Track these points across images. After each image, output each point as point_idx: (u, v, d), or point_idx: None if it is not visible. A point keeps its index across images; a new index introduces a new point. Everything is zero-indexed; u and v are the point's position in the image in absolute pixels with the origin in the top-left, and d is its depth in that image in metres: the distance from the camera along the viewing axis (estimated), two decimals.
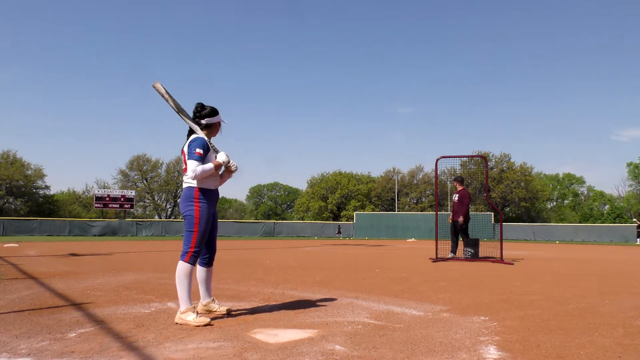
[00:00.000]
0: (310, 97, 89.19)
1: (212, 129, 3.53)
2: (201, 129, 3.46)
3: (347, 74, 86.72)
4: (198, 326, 3.12)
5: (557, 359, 2.45)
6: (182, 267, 3.28)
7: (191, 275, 3.31)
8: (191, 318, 3.17)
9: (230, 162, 3.45)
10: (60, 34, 75.74)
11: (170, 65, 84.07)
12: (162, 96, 3.44)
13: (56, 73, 77.71)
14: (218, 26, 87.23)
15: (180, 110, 3.46)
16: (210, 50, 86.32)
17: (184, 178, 3.41)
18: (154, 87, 3.44)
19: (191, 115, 3.51)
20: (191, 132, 3.47)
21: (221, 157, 3.39)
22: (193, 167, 3.25)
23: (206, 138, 3.39)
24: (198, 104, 3.49)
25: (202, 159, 3.29)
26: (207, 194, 3.37)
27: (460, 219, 9.91)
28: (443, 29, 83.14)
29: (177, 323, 3.22)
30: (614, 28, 75.90)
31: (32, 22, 73.72)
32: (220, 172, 3.51)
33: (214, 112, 3.49)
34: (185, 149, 3.35)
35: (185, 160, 3.36)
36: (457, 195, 10.17)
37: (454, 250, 10.06)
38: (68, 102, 78.36)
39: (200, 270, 3.58)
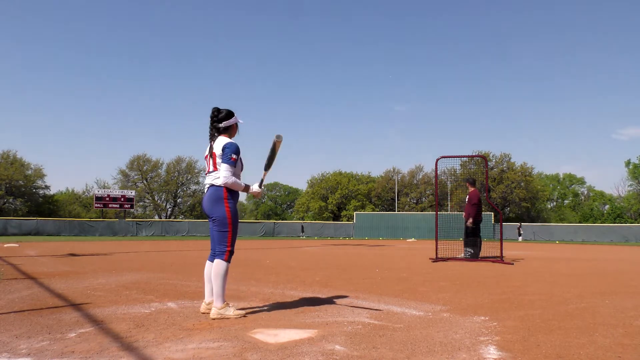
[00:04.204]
0: (309, 97, 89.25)
1: (230, 130, 3.65)
2: (220, 132, 3.60)
3: (347, 73, 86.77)
4: (238, 318, 3.36)
5: (557, 359, 2.45)
6: (222, 265, 3.43)
7: (227, 273, 3.49)
8: (230, 312, 3.40)
9: (259, 195, 3.65)
10: (61, 34, 75.81)
11: (170, 64, 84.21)
12: (273, 150, 3.60)
13: (56, 73, 77.77)
14: (217, 25, 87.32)
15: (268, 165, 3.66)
16: (209, 49, 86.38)
17: (209, 179, 3.53)
18: (276, 140, 3.59)
19: (209, 120, 3.62)
20: (213, 135, 3.59)
21: (255, 189, 3.60)
22: (228, 174, 3.41)
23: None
24: (214, 108, 3.60)
25: (235, 164, 3.48)
26: (235, 195, 3.55)
27: (469, 221, 9.80)
28: (443, 28, 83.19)
29: (213, 319, 3.33)
30: (613, 27, 75.93)
31: (32, 22, 73.77)
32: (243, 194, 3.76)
33: (230, 114, 3.62)
34: (218, 151, 3.48)
35: (214, 162, 3.49)
36: (467, 196, 10.05)
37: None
38: (68, 102, 78.47)
39: (210, 267, 3.58)
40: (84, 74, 77.96)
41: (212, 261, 3.57)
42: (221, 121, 3.58)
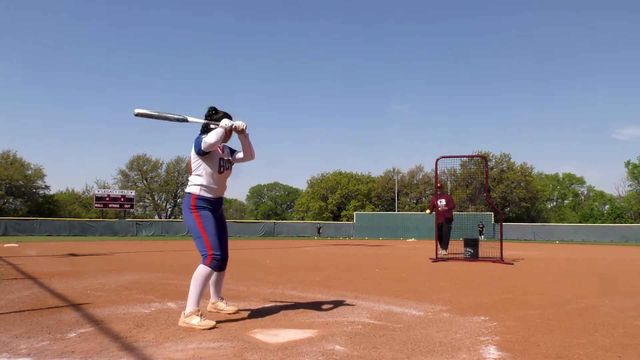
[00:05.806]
0: (309, 97, 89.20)
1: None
2: (207, 131, 3.43)
3: (347, 73, 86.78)
4: (203, 329, 3.06)
5: (557, 359, 2.45)
6: (201, 270, 3.26)
7: (207, 280, 3.28)
8: (195, 322, 3.10)
9: (235, 124, 3.37)
10: (60, 35, 75.80)
11: (169, 67, 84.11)
12: (150, 116, 3.33)
13: (56, 73, 77.74)
14: (217, 29, 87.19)
15: (174, 119, 3.38)
16: (209, 53, 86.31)
17: (187, 188, 3.42)
18: (138, 115, 3.33)
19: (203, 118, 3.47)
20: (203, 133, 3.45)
21: (224, 122, 3.32)
22: (204, 140, 3.20)
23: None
24: (211, 107, 3.47)
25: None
26: (207, 202, 3.35)
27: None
28: (443, 28, 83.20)
29: (180, 327, 3.15)
30: (613, 26, 75.96)
31: (33, 23, 73.78)
32: (226, 141, 3.47)
33: (225, 117, 3.45)
34: (192, 151, 3.36)
35: (191, 168, 3.38)
36: (444, 199, 11.63)
37: (445, 248, 11.53)
38: (68, 102, 78.28)
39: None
40: (84, 73, 77.93)
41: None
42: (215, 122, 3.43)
